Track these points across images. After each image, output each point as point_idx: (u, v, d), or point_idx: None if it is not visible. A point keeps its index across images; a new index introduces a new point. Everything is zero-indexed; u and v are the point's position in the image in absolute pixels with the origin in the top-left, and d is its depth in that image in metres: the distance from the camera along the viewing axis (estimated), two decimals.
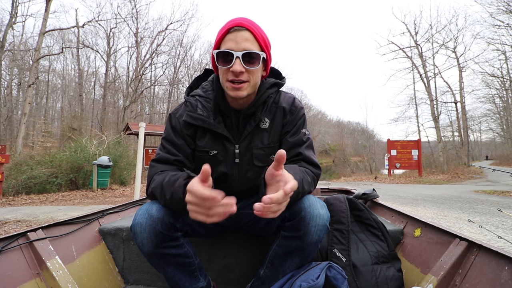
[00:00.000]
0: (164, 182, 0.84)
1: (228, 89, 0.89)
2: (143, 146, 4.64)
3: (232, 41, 0.85)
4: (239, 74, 0.86)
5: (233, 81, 0.87)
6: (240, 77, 0.86)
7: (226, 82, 0.89)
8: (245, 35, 0.85)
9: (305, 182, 0.86)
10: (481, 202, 5.40)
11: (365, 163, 22.60)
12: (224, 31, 0.86)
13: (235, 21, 0.87)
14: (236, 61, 0.84)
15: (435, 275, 0.92)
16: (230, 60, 0.85)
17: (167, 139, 0.99)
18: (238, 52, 0.84)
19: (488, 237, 2.87)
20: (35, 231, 1.07)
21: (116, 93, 22.18)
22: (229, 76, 0.87)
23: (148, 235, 0.82)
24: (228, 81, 0.88)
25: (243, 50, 0.84)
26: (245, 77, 0.87)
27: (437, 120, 17.06)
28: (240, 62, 0.84)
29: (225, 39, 0.86)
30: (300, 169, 0.89)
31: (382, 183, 10.86)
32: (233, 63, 0.84)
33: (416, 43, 17.73)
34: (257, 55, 0.87)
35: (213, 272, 1.22)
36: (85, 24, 15.82)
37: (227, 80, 0.88)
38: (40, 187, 7.45)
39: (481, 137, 40.09)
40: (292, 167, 0.86)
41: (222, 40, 0.87)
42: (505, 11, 14.99)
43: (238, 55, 0.84)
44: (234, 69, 0.84)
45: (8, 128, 17.60)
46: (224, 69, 0.87)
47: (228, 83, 0.88)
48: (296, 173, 0.83)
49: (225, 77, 0.88)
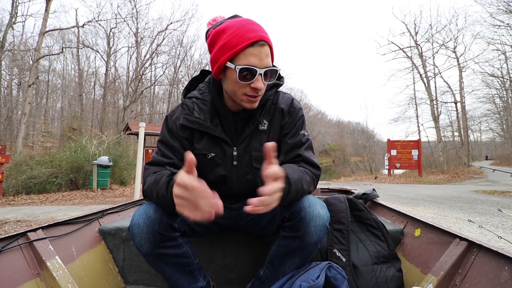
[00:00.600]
0: (152, 182, 0.85)
1: (244, 101, 0.88)
2: (143, 146, 4.65)
3: (256, 57, 0.81)
4: (260, 90, 0.85)
5: (252, 96, 0.86)
6: (259, 93, 0.86)
7: (242, 95, 0.87)
8: (267, 51, 0.83)
9: (304, 182, 0.86)
10: (481, 202, 5.40)
11: (365, 163, 22.60)
12: (247, 43, 0.80)
13: (257, 34, 0.81)
14: (258, 77, 0.83)
15: (435, 275, 0.92)
16: (252, 76, 0.82)
17: (163, 141, 0.99)
18: (261, 69, 0.82)
19: (488, 237, 2.87)
20: (35, 231, 1.07)
21: (116, 93, 22.17)
22: (248, 91, 0.85)
23: (146, 236, 0.82)
24: (245, 94, 0.86)
25: (265, 67, 0.83)
26: (262, 91, 0.87)
27: (437, 120, 17.06)
28: (261, 79, 0.83)
29: (246, 52, 0.81)
30: (299, 168, 0.89)
31: (382, 183, 10.86)
32: (255, 79, 0.83)
33: (416, 43, 17.73)
34: (276, 71, 0.87)
35: (213, 272, 1.22)
36: (85, 24, 15.82)
37: (245, 94, 0.86)
38: (40, 187, 7.46)
39: (481, 137, 40.13)
40: (291, 167, 0.86)
41: (241, 52, 0.81)
42: (505, 11, 14.98)
43: (261, 72, 0.82)
44: (257, 86, 0.83)
45: (8, 128, 17.60)
46: (243, 84, 0.84)
47: (245, 96, 0.87)
48: (295, 172, 0.83)
49: (243, 90, 0.86)
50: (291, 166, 0.87)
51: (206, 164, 0.99)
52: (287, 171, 0.80)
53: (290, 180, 0.79)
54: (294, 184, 0.80)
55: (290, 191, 0.79)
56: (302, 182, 0.84)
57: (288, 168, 0.83)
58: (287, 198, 0.79)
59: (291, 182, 0.79)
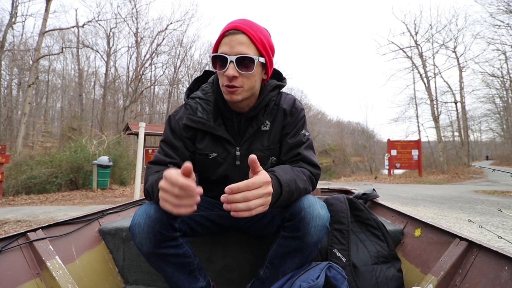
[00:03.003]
0: (154, 181, 0.85)
1: (224, 93, 0.90)
2: (143, 146, 4.65)
3: (227, 45, 0.84)
4: (232, 79, 0.85)
5: (228, 86, 0.87)
6: (233, 82, 0.86)
7: (222, 86, 0.89)
8: (240, 39, 0.84)
9: (300, 180, 0.85)
10: (481, 202, 5.40)
11: (365, 163, 22.60)
12: (221, 34, 0.85)
13: (232, 24, 0.85)
14: (230, 65, 0.83)
15: (435, 275, 0.92)
16: (225, 64, 0.84)
17: (166, 141, 0.99)
18: (232, 56, 0.83)
19: (488, 237, 2.88)
20: (35, 231, 1.07)
21: (116, 93, 22.16)
22: (224, 81, 0.87)
23: (146, 235, 0.82)
24: (223, 85, 0.88)
25: (237, 54, 0.83)
26: (239, 82, 0.86)
27: (437, 120, 17.06)
28: (234, 66, 0.83)
29: (221, 42, 0.86)
30: (293, 168, 0.89)
31: (382, 183, 10.86)
32: (227, 68, 0.84)
33: (416, 43, 17.74)
34: (252, 59, 0.84)
35: (213, 272, 1.22)
36: (85, 24, 15.82)
37: (223, 84, 0.88)
38: (40, 187, 7.46)
39: (481, 137, 40.14)
40: (282, 168, 0.86)
41: (219, 43, 0.86)
42: (505, 11, 14.99)
43: (232, 59, 0.83)
44: (227, 74, 0.84)
45: (8, 128, 17.58)
46: (220, 73, 0.87)
47: (224, 87, 0.88)
48: (286, 173, 0.83)
49: (221, 81, 0.88)
50: (282, 167, 0.87)
51: (208, 164, 1.00)
52: (276, 173, 0.80)
53: (281, 182, 0.78)
54: (286, 185, 0.79)
55: (282, 193, 0.78)
56: (297, 181, 0.84)
57: (279, 170, 0.83)
58: (280, 200, 0.78)
59: (282, 184, 0.78)
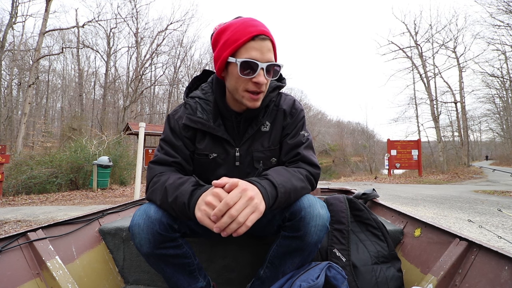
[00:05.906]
0: (167, 183, 0.84)
1: (245, 98, 0.87)
2: (143, 146, 4.65)
3: (258, 51, 0.81)
4: (262, 86, 0.85)
5: (254, 92, 0.85)
6: (261, 88, 0.85)
7: (243, 92, 0.86)
8: (268, 45, 0.83)
9: (296, 180, 0.86)
10: (481, 202, 5.40)
11: (365, 163, 22.61)
12: (248, 37, 0.80)
13: (258, 28, 0.81)
14: (260, 72, 0.82)
15: (435, 275, 0.92)
16: (253, 70, 0.81)
17: (166, 140, 0.98)
18: (263, 63, 0.81)
19: (488, 237, 2.88)
20: (35, 231, 1.07)
21: (116, 93, 22.17)
22: (250, 87, 0.84)
23: (146, 236, 0.82)
24: (247, 91, 0.86)
25: (267, 62, 0.82)
26: (264, 88, 0.86)
27: (437, 120, 17.06)
28: (263, 73, 0.83)
29: (247, 46, 0.81)
30: (287, 169, 0.89)
31: (382, 183, 10.86)
32: (256, 74, 0.82)
33: (416, 43, 17.73)
34: (279, 67, 0.86)
35: (213, 272, 1.22)
36: (85, 24, 15.79)
37: (246, 90, 0.85)
38: (40, 187, 7.46)
39: (481, 137, 40.20)
40: (276, 169, 0.87)
41: (242, 46, 0.81)
42: (505, 11, 14.99)
43: (263, 67, 0.82)
44: (258, 81, 0.82)
45: (8, 128, 17.57)
46: (245, 79, 0.83)
47: (246, 93, 0.86)
48: (280, 174, 0.83)
49: (244, 86, 0.85)
50: (275, 169, 0.88)
51: (208, 165, 1.00)
52: (269, 176, 0.80)
53: (275, 184, 0.79)
54: (281, 186, 0.79)
55: (278, 194, 0.78)
56: (292, 180, 0.84)
57: (272, 172, 0.83)
58: (278, 201, 0.79)
59: (277, 185, 0.79)
